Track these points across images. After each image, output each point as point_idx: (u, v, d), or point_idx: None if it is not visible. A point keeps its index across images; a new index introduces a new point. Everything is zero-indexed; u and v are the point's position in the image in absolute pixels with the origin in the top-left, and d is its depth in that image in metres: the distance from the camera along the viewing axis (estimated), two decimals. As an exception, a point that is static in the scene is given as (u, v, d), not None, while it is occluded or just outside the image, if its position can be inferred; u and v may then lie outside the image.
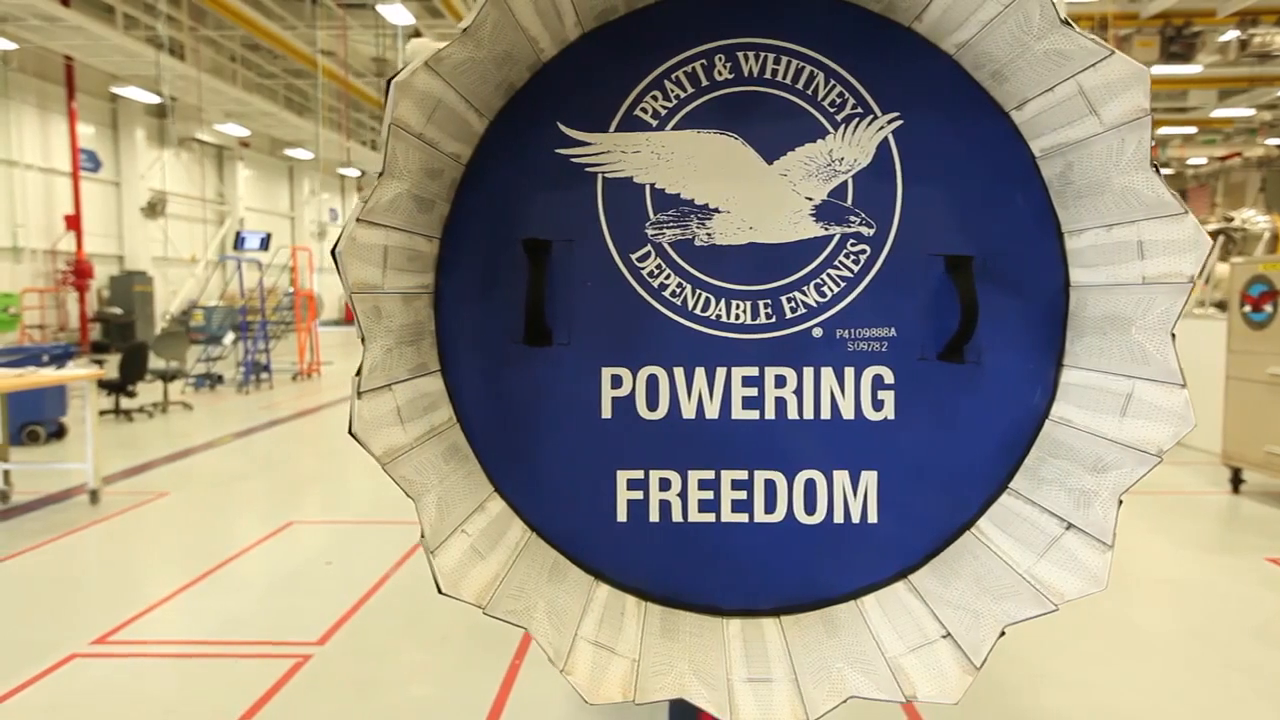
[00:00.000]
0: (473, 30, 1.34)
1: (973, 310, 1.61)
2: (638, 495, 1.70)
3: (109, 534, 6.50)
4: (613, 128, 1.66)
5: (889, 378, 1.69)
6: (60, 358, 10.07)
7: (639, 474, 1.70)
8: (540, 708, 3.80)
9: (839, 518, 1.71)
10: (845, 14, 1.65)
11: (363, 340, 1.35)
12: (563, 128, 1.66)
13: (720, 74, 1.67)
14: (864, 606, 1.67)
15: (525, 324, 1.64)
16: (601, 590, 1.66)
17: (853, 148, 1.66)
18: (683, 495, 1.70)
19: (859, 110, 1.66)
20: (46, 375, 6.96)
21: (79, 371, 7.39)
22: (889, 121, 1.66)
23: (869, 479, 1.70)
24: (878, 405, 1.70)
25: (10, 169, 20.18)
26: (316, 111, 25.50)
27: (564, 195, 1.66)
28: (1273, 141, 26.74)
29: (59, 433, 9.90)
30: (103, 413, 11.24)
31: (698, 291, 1.69)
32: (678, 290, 1.69)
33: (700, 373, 1.69)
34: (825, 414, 1.70)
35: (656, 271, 1.69)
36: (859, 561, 1.70)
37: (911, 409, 1.69)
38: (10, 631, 4.66)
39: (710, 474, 1.70)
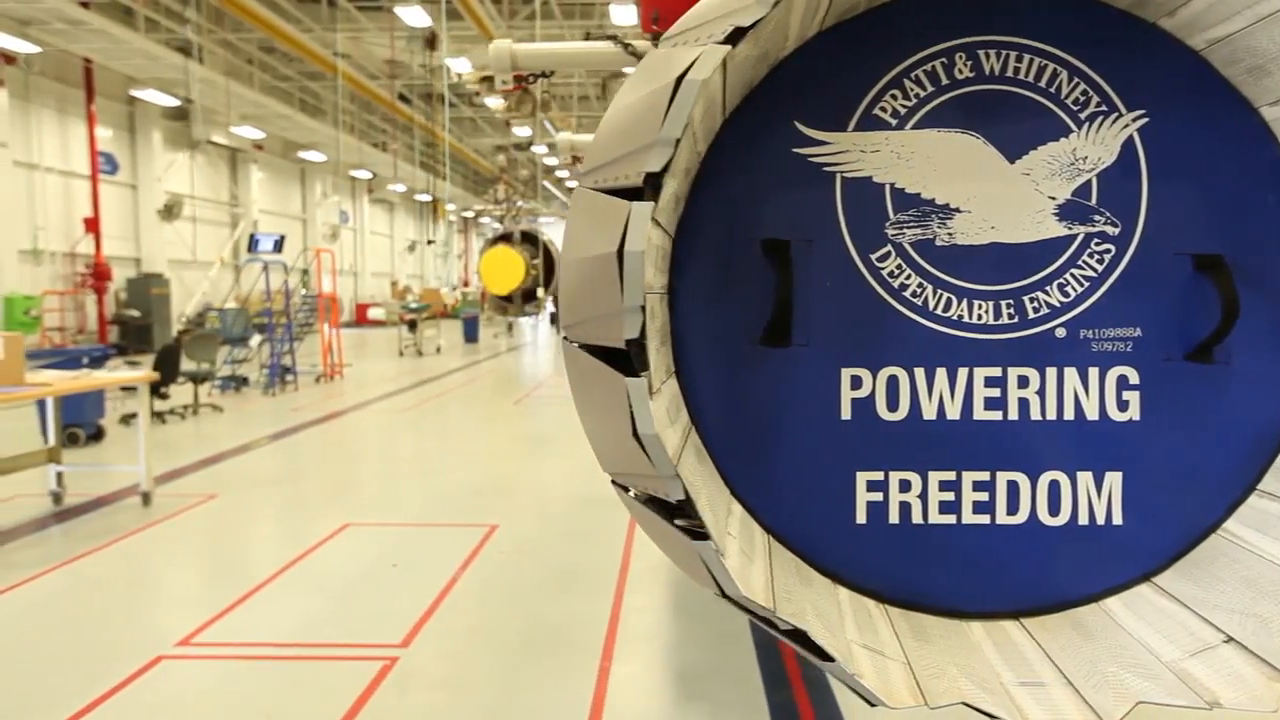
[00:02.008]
0: (759, 29, 1.33)
1: (1233, 310, 1.60)
2: (877, 497, 1.69)
3: (167, 536, 6.48)
4: (851, 127, 1.66)
5: (1134, 378, 1.68)
6: (99, 360, 10.06)
7: (879, 475, 1.69)
8: (639, 709, 3.78)
9: (1083, 519, 1.70)
10: (1089, 11, 1.64)
11: (641, 339, 1.34)
12: (801, 127, 1.65)
13: (961, 73, 1.66)
14: (1109, 609, 1.66)
15: (769, 325, 1.63)
16: (842, 593, 1.64)
17: (1097, 146, 1.65)
18: (923, 497, 1.69)
19: (1103, 108, 1.65)
20: (103, 377, 6.95)
21: (134, 374, 7.38)
22: (1134, 119, 1.65)
23: (1113, 480, 1.69)
24: (1122, 406, 1.69)
25: (31, 172, 20.19)
26: (336, 117, 25.54)
27: (802, 195, 1.65)
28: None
29: (97, 435, 9.90)
30: (133, 416, 11.22)
31: (939, 292, 1.68)
32: (918, 290, 1.68)
33: (941, 373, 1.68)
34: (1069, 415, 1.68)
35: (897, 271, 1.68)
36: (1102, 563, 1.69)
37: (1157, 410, 1.68)
38: (91, 633, 4.65)
39: (951, 475, 1.69)
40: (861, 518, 1.69)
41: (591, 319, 1.55)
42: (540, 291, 19.69)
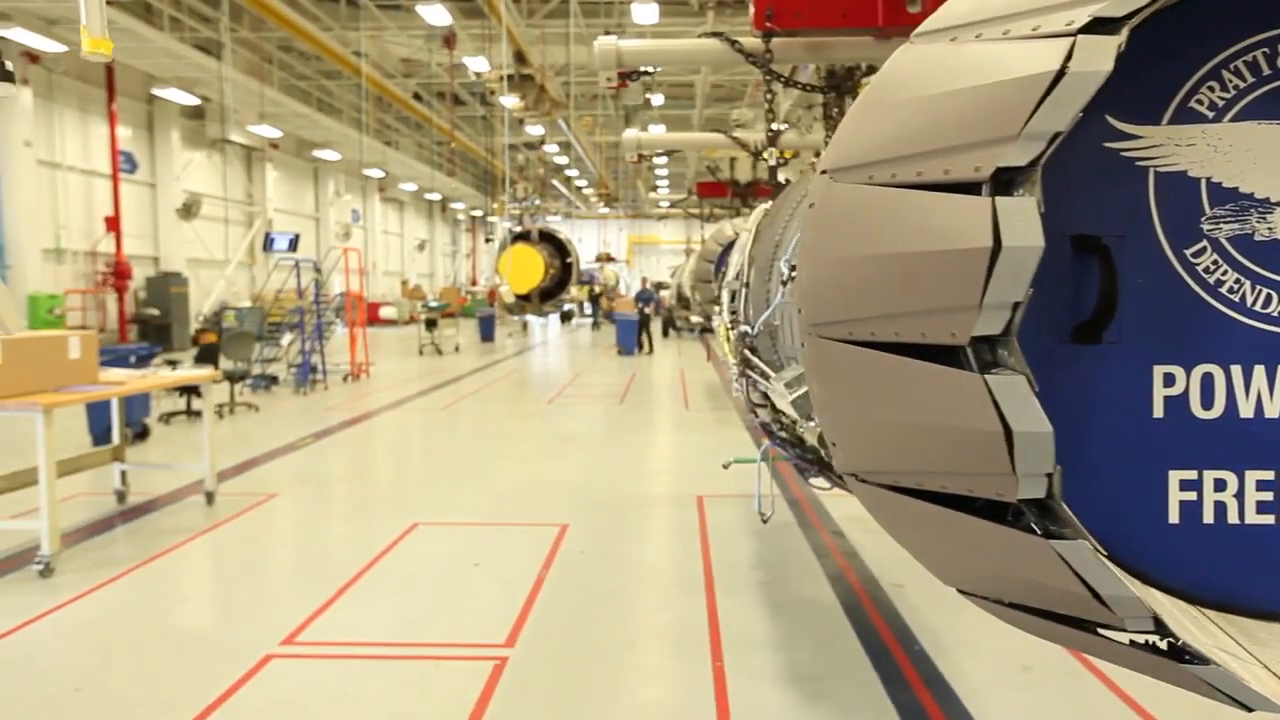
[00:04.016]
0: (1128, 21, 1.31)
1: None
2: (1191, 496, 1.67)
3: (238, 534, 6.47)
4: (1165, 120, 1.63)
5: None
6: (146, 358, 10.04)
7: (1192, 474, 1.67)
8: (765, 709, 3.76)
9: None
10: None
11: (1005, 334, 1.32)
12: (1113, 121, 1.62)
13: None
14: None
15: (1084, 322, 1.61)
16: (1157, 594, 1.62)
17: None
18: (1239, 496, 1.67)
19: None
20: (172, 376, 6.93)
21: (200, 372, 7.36)
22: None
23: None
24: None
25: (54, 171, 20.18)
26: (361, 120, 25.53)
27: (1113, 190, 1.63)
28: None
29: (143, 433, 9.88)
30: (173, 415, 11.22)
31: (1258, 288, 1.65)
32: (1235, 286, 1.65)
33: (1259, 370, 1.66)
34: None
35: (1213, 267, 1.65)
36: None
37: None
38: (191, 633, 4.64)
39: (1270, 474, 1.67)
40: (1174, 517, 1.67)
41: (899, 315, 1.54)
42: (573, 289, 19.66)
